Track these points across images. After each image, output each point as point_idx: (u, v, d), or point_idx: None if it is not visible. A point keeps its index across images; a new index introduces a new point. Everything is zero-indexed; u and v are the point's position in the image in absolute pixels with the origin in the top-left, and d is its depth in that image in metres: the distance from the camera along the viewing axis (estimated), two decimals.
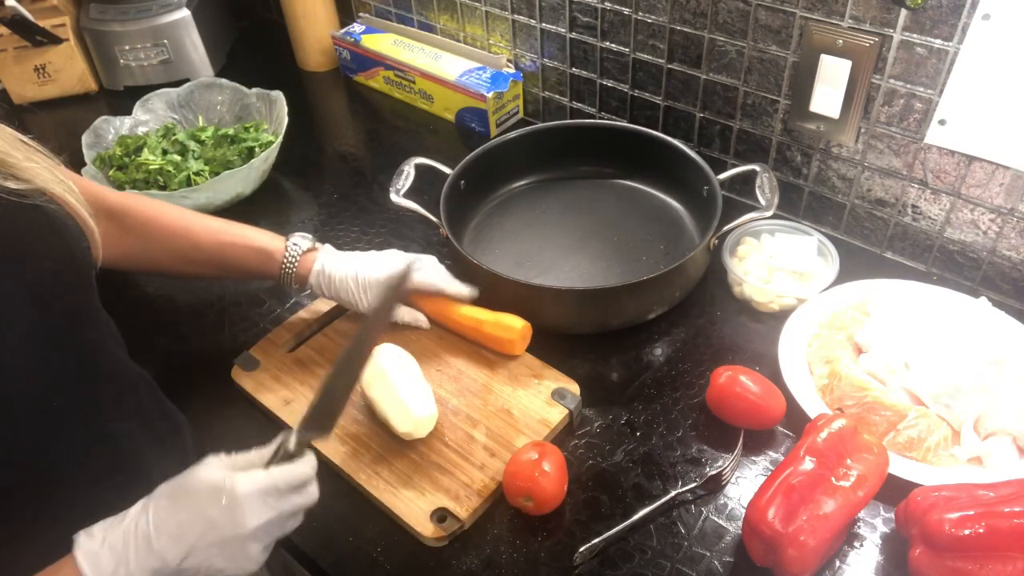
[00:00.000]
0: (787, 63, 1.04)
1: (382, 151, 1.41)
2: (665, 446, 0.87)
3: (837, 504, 0.72)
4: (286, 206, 1.28)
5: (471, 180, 1.12)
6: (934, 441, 0.82)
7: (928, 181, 1.00)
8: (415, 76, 1.44)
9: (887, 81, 0.96)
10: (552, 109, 1.38)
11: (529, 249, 1.11)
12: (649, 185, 1.20)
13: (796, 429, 0.86)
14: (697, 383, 0.93)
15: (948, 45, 0.89)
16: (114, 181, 1.21)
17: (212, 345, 1.00)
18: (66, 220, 0.65)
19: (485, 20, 1.37)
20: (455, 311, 0.98)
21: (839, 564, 0.76)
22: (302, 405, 0.91)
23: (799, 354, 0.93)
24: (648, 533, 0.79)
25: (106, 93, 1.59)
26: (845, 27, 0.96)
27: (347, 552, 0.80)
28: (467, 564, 0.78)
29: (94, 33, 1.52)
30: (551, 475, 0.78)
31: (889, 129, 1.00)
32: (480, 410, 0.90)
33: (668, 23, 1.12)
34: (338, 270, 0.94)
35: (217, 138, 1.27)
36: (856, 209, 1.09)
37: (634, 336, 0.99)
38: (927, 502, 0.72)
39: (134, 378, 0.74)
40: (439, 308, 0.99)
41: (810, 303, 0.98)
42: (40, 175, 0.63)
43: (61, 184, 0.65)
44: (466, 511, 0.80)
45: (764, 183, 1.02)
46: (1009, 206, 0.95)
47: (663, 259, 1.08)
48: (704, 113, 1.17)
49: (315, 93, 1.60)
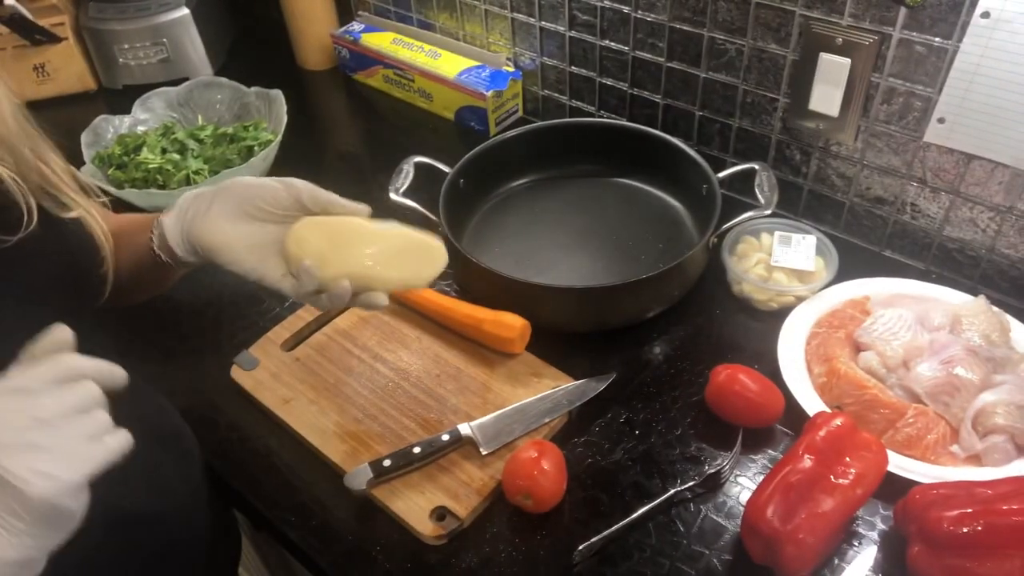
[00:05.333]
0: (786, 61, 1.04)
1: (381, 150, 1.41)
2: (664, 444, 0.87)
3: (836, 502, 0.72)
4: None
5: (470, 179, 1.12)
6: (933, 439, 0.82)
7: (927, 179, 1.00)
8: (414, 75, 1.44)
9: (886, 79, 0.96)
10: (551, 108, 1.38)
11: (528, 248, 1.11)
12: (648, 184, 1.20)
13: (795, 427, 0.86)
14: (696, 381, 0.93)
15: (947, 43, 0.89)
16: (113, 180, 1.21)
17: (211, 344, 0.99)
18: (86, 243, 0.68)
19: (484, 18, 1.37)
20: (454, 310, 0.98)
21: (838, 562, 0.76)
22: (302, 404, 0.91)
23: (798, 352, 0.93)
24: (647, 531, 0.79)
25: (105, 92, 1.59)
26: (844, 25, 0.96)
27: (346, 551, 0.80)
28: (466, 562, 0.78)
29: (93, 32, 1.52)
30: (550, 473, 0.79)
31: (888, 127, 1.00)
32: (480, 408, 0.90)
33: (667, 21, 1.12)
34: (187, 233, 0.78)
35: (216, 137, 1.27)
36: (855, 207, 1.09)
37: (633, 335, 0.99)
38: (926, 500, 0.72)
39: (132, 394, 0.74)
40: (438, 306, 0.99)
41: (809, 301, 0.98)
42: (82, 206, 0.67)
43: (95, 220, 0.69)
44: (465, 509, 0.80)
45: (763, 181, 1.02)
46: (1008, 204, 0.95)
47: (662, 257, 1.08)
48: (703, 111, 1.17)
49: (314, 92, 1.60)
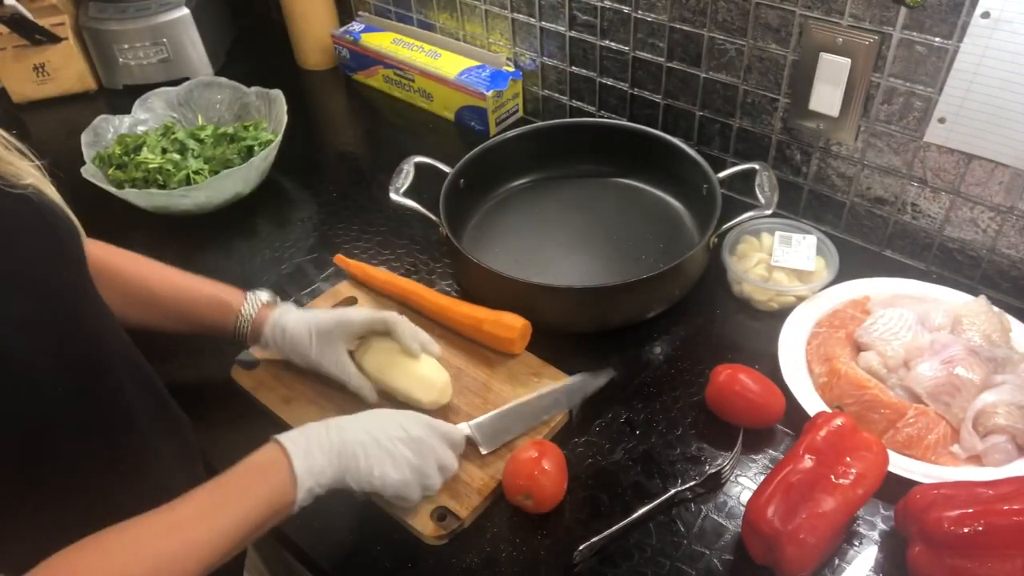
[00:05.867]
0: (787, 61, 1.04)
1: (381, 150, 1.41)
2: (664, 444, 0.87)
3: (836, 502, 0.72)
4: (285, 205, 1.28)
5: (471, 179, 1.12)
6: (933, 439, 0.82)
7: (927, 179, 1.00)
8: (415, 75, 1.44)
9: (887, 79, 0.96)
10: (552, 108, 1.38)
11: (529, 248, 1.11)
12: (648, 184, 1.20)
13: (795, 427, 0.86)
14: (696, 381, 0.93)
15: (947, 43, 0.89)
16: (113, 180, 1.21)
17: (212, 343, 0.99)
18: (55, 211, 0.66)
19: (485, 18, 1.37)
20: (454, 309, 0.98)
21: (838, 562, 0.76)
22: (302, 404, 0.92)
23: (798, 352, 0.93)
24: (648, 531, 0.79)
25: (105, 92, 1.59)
26: (845, 25, 0.96)
27: (347, 551, 0.80)
28: (467, 562, 0.78)
29: (93, 32, 1.52)
30: (551, 473, 0.79)
31: (888, 127, 1.00)
32: (480, 408, 0.90)
33: (668, 21, 1.12)
34: (293, 321, 0.90)
35: (216, 137, 1.27)
36: (855, 207, 1.09)
37: (633, 334, 0.99)
38: (926, 500, 0.72)
39: (133, 370, 0.74)
40: (437, 306, 0.99)
41: (809, 301, 0.98)
42: (33, 173, 0.65)
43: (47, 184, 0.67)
44: (466, 509, 0.80)
45: (764, 181, 1.02)
46: (1008, 204, 0.95)
47: (662, 257, 1.08)
48: (704, 111, 1.17)
49: (314, 92, 1.60)
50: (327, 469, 0.69)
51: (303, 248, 1.18)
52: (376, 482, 0.73)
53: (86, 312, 0.68)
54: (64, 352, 0.62)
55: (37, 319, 0.60)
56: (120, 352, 0.72)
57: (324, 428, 0.72)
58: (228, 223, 1.23)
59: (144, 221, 1.19)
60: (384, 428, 0.75)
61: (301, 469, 0.67)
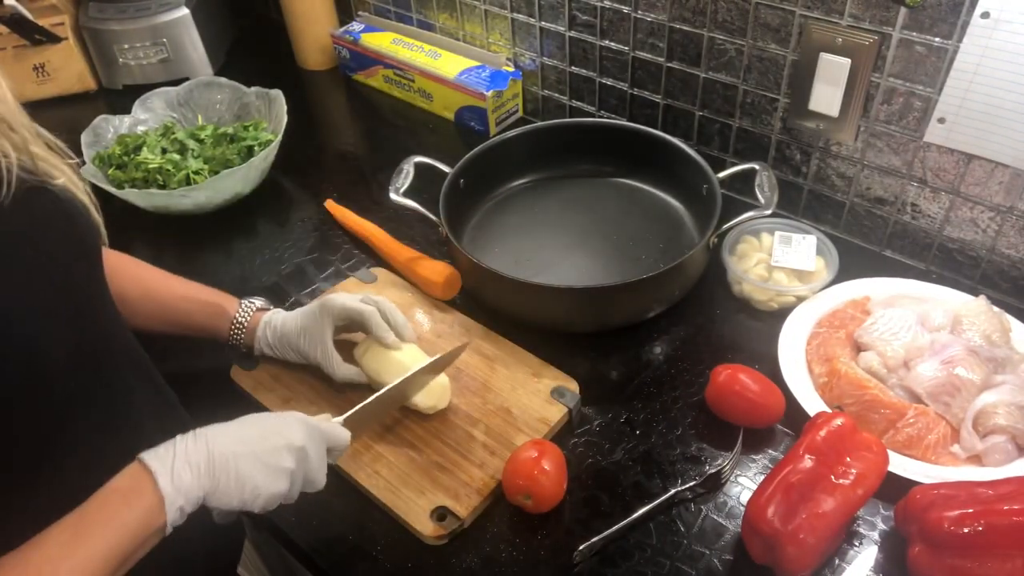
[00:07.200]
0: (786, 61, 1.04)
1: (381, 150, 1.41)
2: (664, 444, 0.87)
3: (836, 502, 0.72)
4: (286, 205, 1.28)
5: (470, 179, 1.12)
6: (933, 439, 0.82)
7: (927, 179, 1.00)
8: (414, 75, 1.44)
9: (886, 79, 0.96)
10: (551, 108, 1.38)
11: (528, 247, 1.11)
12: (648, 184, 1.20)
13: (795, 427, 0.86)
14: (696, 381, 0.93)
15: (947, 43, 0.89)
16: (113, 180, 1.21)
17: (211, 343, 0.99)
18: (79, 208, 0.68)
19: (484, 19, 1.37)
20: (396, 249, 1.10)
21: (838, 562, 0.76)
22: (302, 404, 0.92)
23: (798, 352, 0.93)
24: (648, 531, 0.79)
25: (105, 92, 1.59)
26: (844, 25, 0.96)
27: (347, 551, 0.80)
28: (467, 562, 0.78)
29: (93, 32, 1.52)
30: (551, 473, 0.79)
31: (888, 127, 1.00)
32: (479, 408, 0.90)
33: (667, 21, 1.12)
34: (282, 317, 0.94)
35: (216, 137, 1.27)
36: (855, 207, 1.09)
37: (633, 335, 0.99)
38: (926, 500, 0.72)
39: (137, 358, 0.76)
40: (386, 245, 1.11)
41: (809, 301, 0.98)
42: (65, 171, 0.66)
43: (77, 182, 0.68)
44: (466, 509, 0.80)
45: (763, 181, 1.02)
46: (1008, 204, 0.95)
47: (662, 257, 1.08)
48: (703, 112, 1.17)
49: (314, 92, 1.59)
50: (195, 487, 0.63)
51: (303, 248, 1.18)
52: (247, 496, 0.66)
53: (101, 309, 0.70)
54: (80, 346, 0.64)
55: (60, 311, 0.62)
56: (128, 351, 0.74)
57: (193, 439, 0.65)
58: (228, 223, 1.23)
59: (144, 221, 1.20)
60: (264, 437, 0.68)
61: (168, 489, 0.61)
